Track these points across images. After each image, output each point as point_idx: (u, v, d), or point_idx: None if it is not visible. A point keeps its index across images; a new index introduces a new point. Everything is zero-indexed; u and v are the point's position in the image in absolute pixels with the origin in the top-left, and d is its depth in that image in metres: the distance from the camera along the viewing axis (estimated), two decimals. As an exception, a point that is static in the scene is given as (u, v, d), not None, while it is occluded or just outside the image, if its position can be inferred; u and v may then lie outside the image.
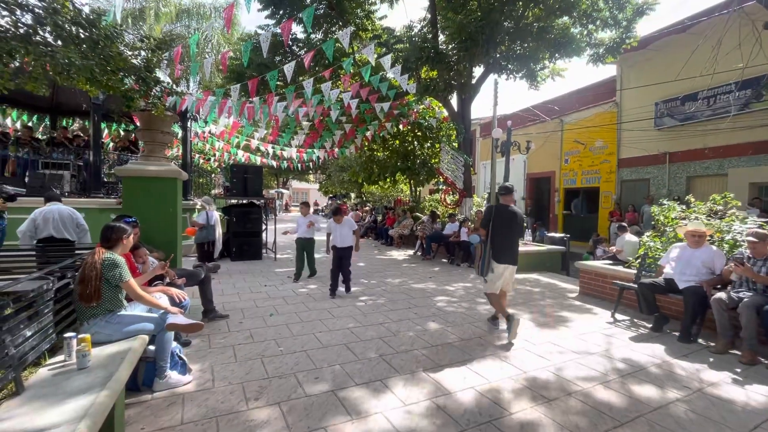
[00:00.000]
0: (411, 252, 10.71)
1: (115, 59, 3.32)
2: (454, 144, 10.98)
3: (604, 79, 14.08)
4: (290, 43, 10.03)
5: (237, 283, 6.26)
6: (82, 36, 3.20)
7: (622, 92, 12.78)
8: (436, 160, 12.19)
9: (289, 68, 6.26)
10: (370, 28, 11.05)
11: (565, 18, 9.04)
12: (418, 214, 12.82)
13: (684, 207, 5.33)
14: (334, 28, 10.49)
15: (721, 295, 3.72)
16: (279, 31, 7.97)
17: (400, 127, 12.71)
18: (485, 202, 12.14)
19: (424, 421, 2.41)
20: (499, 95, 11.01)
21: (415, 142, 13.10)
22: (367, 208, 17.22)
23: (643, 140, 11.90)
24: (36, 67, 3.10)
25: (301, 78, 7.47)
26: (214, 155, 16.19)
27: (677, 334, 4.00)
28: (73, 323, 2.73)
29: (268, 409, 2.52)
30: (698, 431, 2.35)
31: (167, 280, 3.59)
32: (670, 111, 11.28)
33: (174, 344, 2.90)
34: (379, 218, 15.38)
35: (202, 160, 16.66)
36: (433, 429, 2.34)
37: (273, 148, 15.11)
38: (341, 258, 5.56)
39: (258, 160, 15.98)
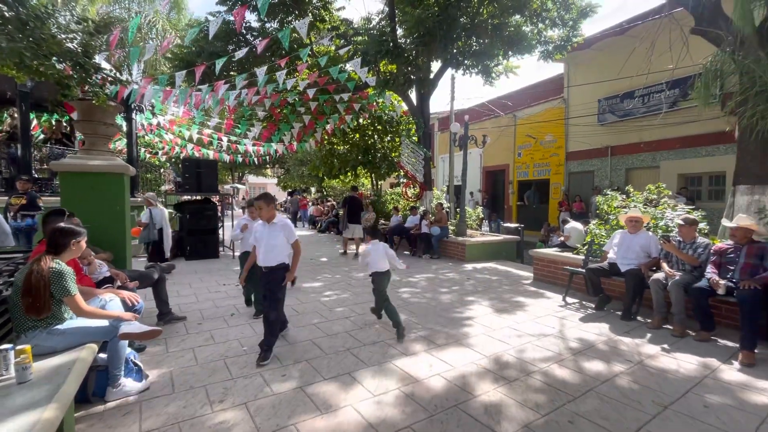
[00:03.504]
0: (373, 245, 10.74)
1: (47, 42, 3.01)
2: (413, 138, 11.12)
3: (553, 76, 14.85)
4: (243, 31, 9.61)
5: (194, 284, 5.97)
6: (7, 15, 2.86)
7: (569, 89, 13.55)
8: (397, 154, 12.28)
9: (240, 54, 5.94)
10: (327, 19, 10.83)
11: (518, 16, 9.39)
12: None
13: (624, 197, 5.80)
14: (290, 18, 10.17)
15: (659, 275, 4.10)
16: (232, 18, 7.59)
17: (361, 120, 12.65)
18: (445, 194, 12.45)
19: (394, 410, 2.46)
20: (456, 91, 11.25)
21: (376, 136, 13.10)
22: (330, 202, 17.04)
23: (588, 135, 12.74)
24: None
25: (256, 68, 7.17)
26: (163, 148, 15.21)
27: (620, 313, 4.37)
28: (8, 335, 2.47)
29: (234, 410, 2.45)
30: (640, 399, 2.60)
31: (117, 283, 3.35)
32: (611, 108, 12.14)
33: (128, 350, 2.72)
34: (341, 213, 15.25)
35: (148, 155, 15.59)
36: (403, 417, 2.39)
37: (228, 140, 14.46)
38: (267, 287, 3.29)
39: (211, 154, 15.22)
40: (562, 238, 6.45)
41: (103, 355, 2.59)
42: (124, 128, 9.69)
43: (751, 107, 4.09)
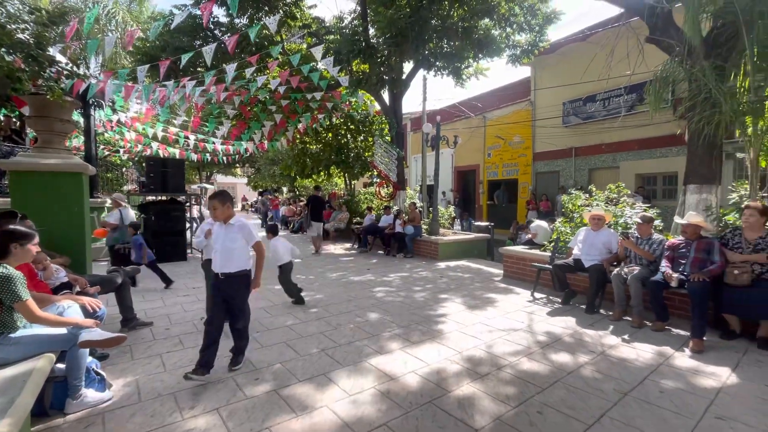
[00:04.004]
0: (348, 245, 10.73)
1: (-5, 33, 2.80)
2: (386, 138, 11.17)
3: (520, 79, 15.34)
4: (212, 26, 9.32)
5: (161, 287, 5.74)
6: (-52, 2, 2.64)
7: (535, 92, 14.04)
8: (370, 154, 12.30)
9: (208, 51, 5.75)
10: (299, 17, 10.70)
11: (487, 20, 9.64)
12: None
13: (587, 196, 6.08)
14: (260, 14, 9.96)
15: (619, 270, 4.34)
16: (199, 12, 7.35)
17: (333, 120, 12.58)
18: (418, 194, 12.59)
19: (370, 408, 2.48)
20: (429, 91, 11.42)
21: (349, 136, 13.06)
22: (302, 202, 16.82)
23: (554, 136, 13.25)
24: None
25: (225, 64, 6.96)
26: (124, 147, 14.48)
27: (584, 306, 4.59)
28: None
29: (206, 416, 2.38)
30: (602, 388, 2.74)
31: (77, 288, 3.18)
32: (575, 110, 12.69)
33: (89, 359, 2.59)
34: (305, 212, 15.10)
35: (107, 152, 14.79)
36: (378, 415, 2.41)
37: (195, 138, 13.96)
38: (226, 298, 3.01)
39: (177, 152, 14.64)
40: (529, 236, 6.69)
41: (61, 366, 2.45)
42: (82, 125, 9.16)
43: (698, 113, 4.41)
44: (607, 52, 6.30)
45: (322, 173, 13.88)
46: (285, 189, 26.56)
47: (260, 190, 29.93)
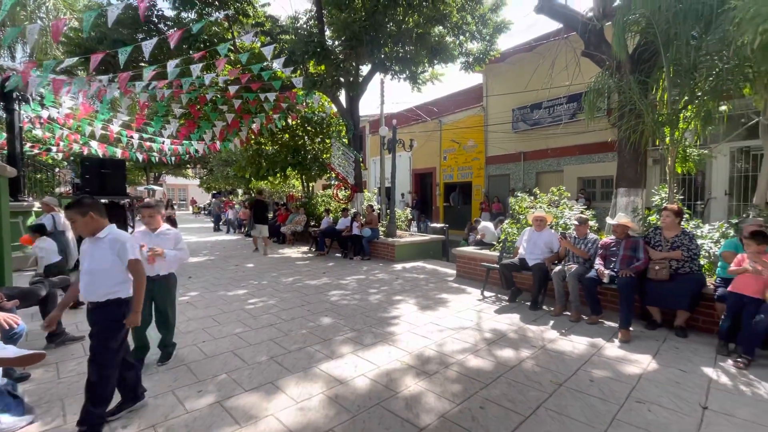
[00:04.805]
0: (305, 249, 10.56)
1: None
2: (344, 140, 11.14)
3: (474, 85, 15.91)
4: (155, 20, 8.81)
5: (95, 298, 5.31)
6: None
7: (487, 98, 14.63)
8: (327, 156, 12.19)
9: (148, 44, 5.40)
10: (251, 14, 10.39)
11: (441, 27, 9.93)
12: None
13: (532, 198, 6.44)
14: (209, 9, 9.56)
15: (560, 268, 4.63)
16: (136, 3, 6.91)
17: (289, 120, 12.33)
18: (376, 196, 12.66)
19: (317, 414, 2.46)
20: (387, 95, 11.54)
21: (306, 137, 12.86)
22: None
23: (504, 141, 13.88)
24: None
25: (169, 60, 6.57)
26: (57, 145, 13.27)
27: (529, 303, 4.84)
28: None
29: (140, 435, 2.24)
30: (540, 380, 2.91)
31: (-11, 303, 2.87)
32: (523, 117, 13.38)
33: (4, 381, 2.35)
34: (270, 215, 14.74)
35: (36, 151, 13.49)
36: (325, 420, 2.40)
37: (139, 137, 13.08)
38: (94, 330, 2.29)
39: (119, 152, 13.63)
40: (478, 236, 6.98)
41: (-31, 390, 2.21)
42: (4, 120, 8.29)
43: (625, 122, 4.82)
44: (548, 64, 6.73)
45: (278, 175, 13.54)
46: (240, 191, 25.63)
47: (213, 192, 28.68)
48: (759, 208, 4.26)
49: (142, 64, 8.51)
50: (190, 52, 8.73)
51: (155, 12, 9.15)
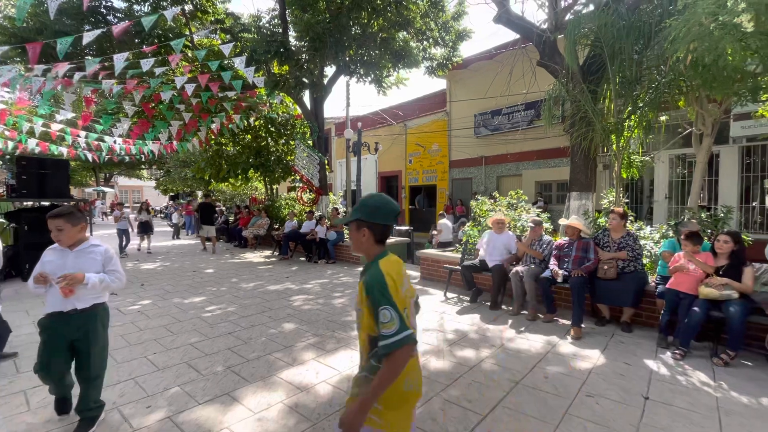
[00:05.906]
0: (268, 253, 10.28)
1: None
2: (308, 142, 10.98)
3: (438, 90, 16.25)
4: (103, 11, 8.28)
5: (32, 310, 4.88)
6: None
7: (451, 104, 14.99)
8: (292, 158, 11.97)
9: (90, 35, 5.01)
10: (210, 11, 10.03)
11: (405, 33, 10.07)
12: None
13: (492, 201, 6.64)
14: (165, 2, 9.13)
15: (517, 269, 4.80)
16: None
17: (252, 120, 11.99)
18: (341, 199, 12.58)
19: (275, 425, 2.39)
20: (353, 98, 11.53)
21: (269, 138, 12.56)
22: (219, 207, 15.70)
23: (467, 145, 14.27)
24: None
25: (118, 53, 6.14)
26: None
27: (489, 303, 4.98)
28: None
29: (78, 458, 2.07)
30: (499, 379, 3.00)
31: None
32: (484, 122, 13.82)
33: None
34: (231, 218, 14.23)
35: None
36: (284, 430, 2.33)
37: (86, 136, 12.19)
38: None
39: (65, 151, 12.63)
40: (434, 232, 7.18)
41: None
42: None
43: (577, 129, 5.10)
44: (507, 72, 6.99)
45: (240, 177, 13.13)
46: (200, 193, 24.57)
47: (171, 194, 27.30)
48: (692, 210, 4.64)
49: (88, 58, 7.96)
50: (143, 46, 8.29)
51: (103, 2, 8.59)
